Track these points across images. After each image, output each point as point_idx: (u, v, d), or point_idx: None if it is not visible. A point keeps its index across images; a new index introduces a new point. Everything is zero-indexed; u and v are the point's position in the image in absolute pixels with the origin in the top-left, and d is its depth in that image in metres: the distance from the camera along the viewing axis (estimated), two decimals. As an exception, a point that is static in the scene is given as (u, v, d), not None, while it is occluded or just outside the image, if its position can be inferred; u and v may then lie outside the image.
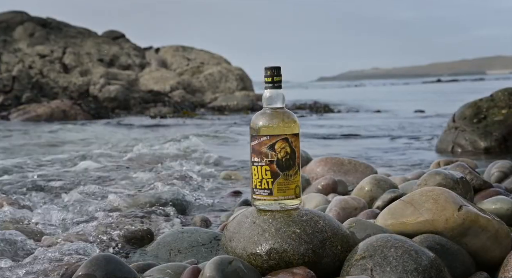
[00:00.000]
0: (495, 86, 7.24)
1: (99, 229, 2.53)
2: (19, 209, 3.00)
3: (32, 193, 3.68)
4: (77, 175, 4.64)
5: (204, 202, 3.50)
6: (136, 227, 2.57)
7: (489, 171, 3.06)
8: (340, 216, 2.47)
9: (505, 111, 5.99)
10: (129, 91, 17.07)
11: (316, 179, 3.58)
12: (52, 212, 2.95)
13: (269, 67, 1.84)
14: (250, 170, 1.85)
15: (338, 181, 3.36)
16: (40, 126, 11.33)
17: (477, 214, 1.83)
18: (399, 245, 1.65)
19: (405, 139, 7.76)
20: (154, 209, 3.06)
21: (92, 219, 2.87)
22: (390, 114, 14.05)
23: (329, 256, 1.73)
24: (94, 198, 3.46)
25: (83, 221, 2.84)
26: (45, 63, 18.42)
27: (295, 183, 1.82)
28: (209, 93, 18.77)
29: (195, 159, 5.57)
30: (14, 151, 6.95)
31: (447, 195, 1.88)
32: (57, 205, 3.24)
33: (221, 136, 8.46)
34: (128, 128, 10.94)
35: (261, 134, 1.81)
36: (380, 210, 2.26)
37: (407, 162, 5.39)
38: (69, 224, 2.85)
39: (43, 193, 3.75)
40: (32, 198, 3.54)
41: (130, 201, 3.27)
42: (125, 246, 2.40)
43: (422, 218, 1.85)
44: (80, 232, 2.54)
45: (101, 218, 2.77)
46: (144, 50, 22.17)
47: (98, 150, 6.47)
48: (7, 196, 3.36)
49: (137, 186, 4.04)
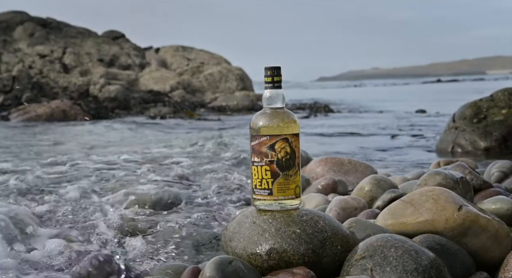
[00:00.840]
0: (495, 86, 7.24)
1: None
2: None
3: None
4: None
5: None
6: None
7: (489, 171, 3.06)
8: (340, 216, 2.47)
9: (505, 111, 5.99)
10: (129, 91, 17.07)
11: (316, 179, 3.58)
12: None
13: (269, 67, 1.84)
14: (250, 170, 1.85)
15: (338, 181, 3.36)
16: (60, 126, 11.25)
17: (477, 214, 1.83)
18: (399, 245, 1.65)
19: (405, 139, 7.76)
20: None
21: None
22: (390, 114, 14.05)
23: (329, 256, 1.73)
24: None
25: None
26: (45, 63, 18.42)
27: (295, 183, 1.82)
28: (209, 93, 18.77)
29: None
30: (74, 151, 6.78)
31: (447, 195, 1.88)
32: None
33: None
34: (149, 129, 10.69)
35: (261, 134, 1.81)
36: (380, 210, 2.26)
37: (407, 162, 5.39)
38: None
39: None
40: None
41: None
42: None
43: (422, 218, 1.85)
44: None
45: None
46: (144, 50, 22.17)
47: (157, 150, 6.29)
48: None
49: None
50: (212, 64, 20.59)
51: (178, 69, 20.35)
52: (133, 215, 2.89)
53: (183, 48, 21.87)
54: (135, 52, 21.15)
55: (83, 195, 3.50)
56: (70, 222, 2.90)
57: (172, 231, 2.57)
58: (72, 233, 2.59)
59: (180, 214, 3.14)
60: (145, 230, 2.52)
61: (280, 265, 1.71)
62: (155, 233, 2.62)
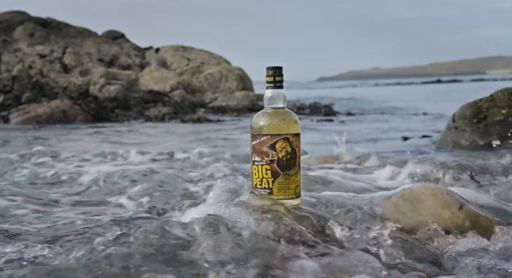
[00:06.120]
0: (495, 86, 7.24)
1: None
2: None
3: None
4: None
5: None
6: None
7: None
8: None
9: (505, 111, 5.99)
10: (129, 91, 17.08)
11: (316, 179, 3.58)
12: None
13: (271, 67, 1.85)
14: (251, 169, 1.86)
15: (338, 181, 3.36)
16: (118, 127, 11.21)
17: (477, 214, 1.84)
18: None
19: (405, 139, 7.75)
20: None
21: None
22: (391, 114, 14.06)
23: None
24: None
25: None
26: (45, 63, 18.43)
27: (295, 183, 1.83)
28: (209, 93, 18.77)
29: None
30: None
31: (447, 193, 1.89)
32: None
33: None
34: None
35: (262, 134, 1.81)
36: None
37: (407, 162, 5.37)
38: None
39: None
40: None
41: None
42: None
43: (422, 217, 1.86)
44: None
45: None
46: (144, 50, 22.17)
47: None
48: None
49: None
50: (212, 64, 20.60)
51: (178, 69, 20.36)
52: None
53: (183, 48, 21.87)
54: (135, 52, 21.16)
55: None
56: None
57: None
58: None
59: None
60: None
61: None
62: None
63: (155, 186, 3.12)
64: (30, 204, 2.71)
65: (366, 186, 3.10)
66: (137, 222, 2.04)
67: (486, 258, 1.66)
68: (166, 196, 2.91)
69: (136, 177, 3.60)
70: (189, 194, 2.94)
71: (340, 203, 2.16)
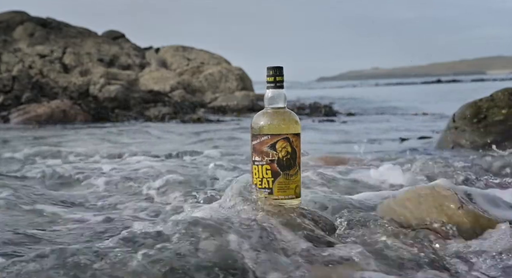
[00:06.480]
0: (495, 86, 7.24)
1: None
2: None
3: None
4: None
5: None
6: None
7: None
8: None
9: (505, 111, 5.99)
10: (129, 91, 17.08)
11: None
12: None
13: (272, 67, 1.85)
14: (251, 169, 1.86)
15: (339, 181, 3.37)
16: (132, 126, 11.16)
17: (477, 213, 1.84)
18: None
19: (405, 139, 7.75)
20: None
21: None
22: (391, 114, 14.06)
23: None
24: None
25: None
26: (45, 63, 18.43)
27: (295, 183, 1.83)
28: (209, 93, 18.77)
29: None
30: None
31: (447, 193, 1.89)
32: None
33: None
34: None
35: (263, 134, 1.82)
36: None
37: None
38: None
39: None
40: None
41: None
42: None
43: (422, 216, 1.86)
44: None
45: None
46: (144, 50, 22.17)
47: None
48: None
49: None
50: (212, 64, 20.60)
51: (178, 69, 20.36)
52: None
53: (183, 48, 21.87)
54: (135, 52, 21.16)
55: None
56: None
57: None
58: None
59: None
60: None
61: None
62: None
63: (175, 183, 3.24)
64: (52, 205, 2.82)
65: (366, 186, 3.10)
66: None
67: (486, 258, 1.67)
68: (185, 193, 3.10)
69: (154, 174, 3.73)
70: (203, 193, 3.03)
71: (340, 203, 2.16)
